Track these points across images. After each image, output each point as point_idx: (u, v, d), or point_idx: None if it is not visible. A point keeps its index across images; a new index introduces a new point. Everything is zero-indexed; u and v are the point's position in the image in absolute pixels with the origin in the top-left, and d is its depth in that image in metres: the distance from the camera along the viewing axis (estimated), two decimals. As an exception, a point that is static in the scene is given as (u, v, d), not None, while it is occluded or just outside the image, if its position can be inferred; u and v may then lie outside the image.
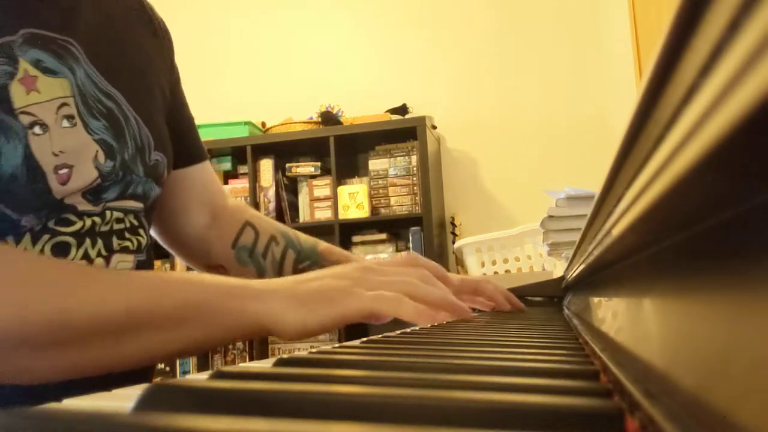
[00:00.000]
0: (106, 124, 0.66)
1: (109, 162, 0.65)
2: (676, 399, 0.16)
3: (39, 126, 0.60)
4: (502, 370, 0.25)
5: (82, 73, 0.65)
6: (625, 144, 0.21)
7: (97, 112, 0.65)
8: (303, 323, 0.53)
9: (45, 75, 0.61)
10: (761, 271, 0.13)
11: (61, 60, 0.63)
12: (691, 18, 0.13)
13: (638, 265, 0.30)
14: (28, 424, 0.15)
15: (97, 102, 0.66)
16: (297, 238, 0.92)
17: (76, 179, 0.61)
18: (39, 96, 0.60)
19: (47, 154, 0.59)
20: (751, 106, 0.10)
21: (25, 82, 0.60)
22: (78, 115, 0.63)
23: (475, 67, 2.99)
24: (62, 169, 0.61)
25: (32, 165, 0.58)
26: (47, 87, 0.61)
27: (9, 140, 0.57)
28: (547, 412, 0.17)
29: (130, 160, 0.68)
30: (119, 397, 0.20)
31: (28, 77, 0.60)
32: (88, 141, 0.64)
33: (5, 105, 0.57)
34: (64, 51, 0.64)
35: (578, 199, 1.13)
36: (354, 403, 0.18)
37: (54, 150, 0.60)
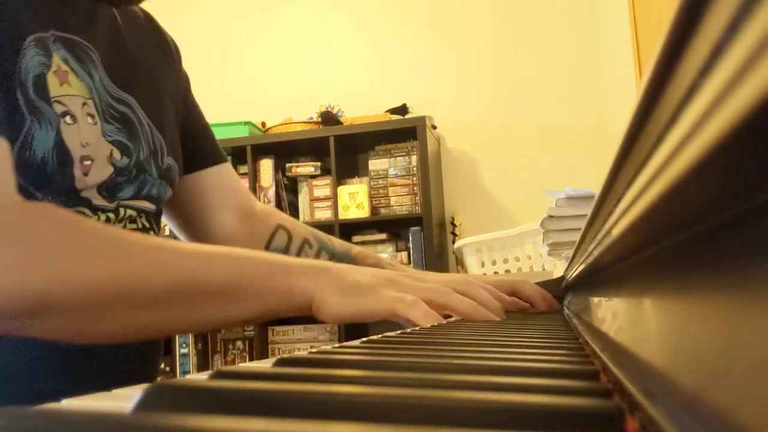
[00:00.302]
0: (120, 126, 0.69)
1: (124, 159, 0.68)
2: (676, 399, 0.16)
3: (70, 116, 0.63)
4: (502, 370, 0.25)
5: (98, 79, 0.68)
6: (625, 144, 0.21)
7: (109, 117, 0.68)
8: (339, 309, 0.59)
9: (72, 73, 0.65)
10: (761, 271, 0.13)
11: (82, 64, 0.66)
12: (691, 18, 0.13)
13: (638, 265, 0.30)
14: (28, 424, 0.15)
15: (109, 107, 0.69)
16: (330, 242, 0.93)
17: (94, 174, 0.64)
18: (70, 89, 0.64)
19: (76, 143, 0.63)
20: (751, 106, 0.10)
21: (59, 75, 0.63)
22: (97, 116, 0.67)
23: (475, 67, 2.99)
24: (86, 161, 0.64)
25: (62, 151, 0.61)
26: (75, 84, 0.65)
27: (42, 126, 0.60)
28: (547, 412, 0.17)
29: (144, 161, 0.71)
30: (119, 397, 0.20)
31: (60, 71, 0.64)
32: (103, 142, 0.67)
33: (42, 93, 0.61)
34: (85, 55, 0.67)
35: (578, 199, 1.13)
36: (354, 403, 0.18)
37: (81, 141, 0.63)
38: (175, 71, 0.85)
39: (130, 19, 0.79)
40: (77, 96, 0.64)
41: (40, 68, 0.61)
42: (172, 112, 0.80)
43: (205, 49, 3.12)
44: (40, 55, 0.62)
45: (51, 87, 0.62)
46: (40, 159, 0.60)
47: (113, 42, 0.73)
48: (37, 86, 0.60)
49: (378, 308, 0.58)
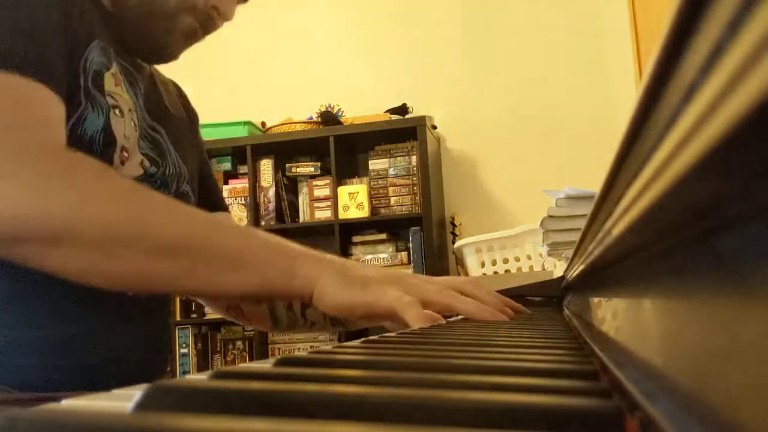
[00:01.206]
0: (152, 146, 0.76)
1: (153, 167, 0.75)
2: (676, 399, 0.16)
3: (119, 110, 0.70)
4: (502, 370, 0.25)
5: (140, 105, 0.76)
6: (625, 144, 0.21)
7: (145, 137, 0.76)
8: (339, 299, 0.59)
9: (124, 84, 0.73)
10: (761, 272, 0.13)
11: (131, 87, 0.75)
12: (691, 18, 0.13)
13: (638, 265, 0.30)
14: (28, 425, 0.15)
15: (145, 129, 0.76)
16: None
17: (128, 168, 0.71)
18: (122, 92, 0.72)
19: (120, 133, 0.69)
20: (751, 106, 0.10)
21: (115, 78, 0.72)
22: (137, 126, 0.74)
23: (475, 67, 2.99)
24: (124, 152, 0.70)
25: (109, 135, 0.68)
26: (125, 92, 0.73)
27: (94, 110, 0.67)
28: (547, 412, 0.17)
29: (169, 177, 0.78)
30: (119, 397, 0.20)
31: (116, 76, 0.72)
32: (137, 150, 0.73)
33: (98, 85, 0.68)
34: (133, 81, 0.76)
35: (578, 199, 1.13)
36: (354, 403, 0.18)
37: (125, 133, 0.71)
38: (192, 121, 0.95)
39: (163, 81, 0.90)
40: (126, 99, 0.72)
41: (101, 66, 0.69)
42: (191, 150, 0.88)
43: (206, 49, 3.11)
44: (103, 57, 0.70)
45: (107, 83, 0.69)
46: (89, 137, 0.66)
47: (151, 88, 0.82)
48: (95, 79, 0.68)
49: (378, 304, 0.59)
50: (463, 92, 2.98)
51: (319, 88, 3.07)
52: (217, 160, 2.94)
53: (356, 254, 2.82)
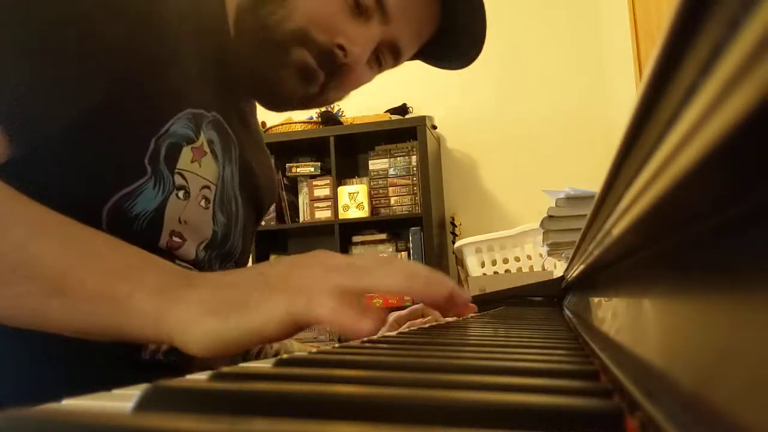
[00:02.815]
0: (226, 222, 0.70)
1: (203, 253, 0.68)
2: (676, 399, 0.16)
3: (184, 191, 0.63)
4: (502, 370, 0.25)
5: (229, 172, 0.70)
6: (625, 144, 0.21)
7: (225, 209, 0.70)
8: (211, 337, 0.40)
9: (210, 155, 0.67)
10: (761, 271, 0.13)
11: (225, 153, 0.69)
12: (691, 18, 0.13)
13: (638, 265, 0.30)
14: (28, 425, 0.15)
15: (229, 201, 0.71)
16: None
17: (181, 253, 0.65)
18: (198, 169, 0.65)
19: (174, 217, 0.62)
20: (751, 106, 0.10)
21: (196, 152, 0.64)
22: (212, 203, 0.68)
23: (475, 68, 2.98)
24: (176, 237, 0.63)
25: (157, 218, 0.61)
26: (207, 166, 0.66)
27: (155, 187, 0.60)
28: (547, 412, 0.17)
29: (214, 259, 0.71)
30: (119, 397, 0.20)
31: (200, 150, 0.65)
32: (209, 227, 0.68)
33: (170, 160, 0.61)
34: (227, 146, 0.70)
35: (578, 199, 1.13)
36: (354, 403, 0.18)
37: (182, 217, 0.63)
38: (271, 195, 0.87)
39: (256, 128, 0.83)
40: (201, 178, 0.65)
41: (181, 139, 0.62)
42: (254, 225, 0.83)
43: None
44: (189, 129, 0.63)
45: (182, 159, 0.62)
46: (134, 215, 0.59)
47: (252, 146, 0.77)
48: (170, 153, 0.61)
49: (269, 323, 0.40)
50: (463, 92, 2.98)
51: (319, 88, 3.06)
52: (217, 160, 2.94)
53: (356, 254, 2.82)
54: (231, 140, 0.71)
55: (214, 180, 0.67)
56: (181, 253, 0.65)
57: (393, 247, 2.81)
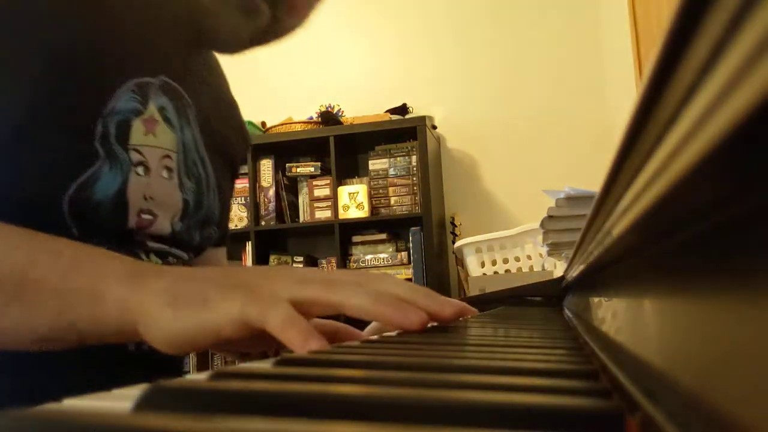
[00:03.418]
0: (195, 188, 0.68)
1: (179, 223, 0.66)
2: (676, 399, 0.16)
3: (143, 167, 0.61)
4: (502, 370, 0.25)
5: (189, 135, 0.67)
6: (625, 144, 0.21)
7: (192, 174, 0.68)
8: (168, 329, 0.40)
9: (164, 123, 0.64)
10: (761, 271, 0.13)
11: (179, 116, 0.66)
12: (691, 18, 0.13)
13: (638, 265, 0.30)
14: (28, 425, 0.15)
15: (194, 164, 0.68)
16: None
17: (154, 230, 0.63)
18: (153, 140, 0.62)
19: (138, 196, 0.60)
20: (752, 106, 0.10)
21: (147, 124, 0.62)
22: (176, 171, 0.65)
23: (475, 67, 2.99)
24: (146, 215, 0.62)
25: (121, 200, 0.59)
26: (162, 135, 0.63)
27: (112, 169, 0.58)
28: (547, 412, 0.17)
29: (193, 227, 0.69)
30: (119, 397, 0.20)
31: (151, 120, 0.62)
32: (178, 197, 0.66)
33: (122, 138, 0.59)
34: (183, 109, 0.67)
35: (578, 199, 1.13)
36: (354, 403, 0.18)
37: (146, 194, 0.61)
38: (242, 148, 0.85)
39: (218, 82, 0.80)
40: (158, 148, 0.63)
41: (129, 114, 0.60)
42: (230, 185, 0.81)
43: (205, 49, 3.12)
44: (135, 101, 0.61)
45: (133, 134, 0.60)
46: (96, 202, 0.57)
47: (207, 101, 0.73)
48: (119, 130, 0.59)
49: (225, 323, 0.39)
50: (463, 92, 2.98)
51: (319, 88, 3.07)
52: (217, 160, 2.94)
53: (356, 254, 2.82)
54: (185, 102, 0.68)
55: (174, 147, 0.65)
56: (155, 230, 0.63)
57: (393, 247, 2.81)
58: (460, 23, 3.01)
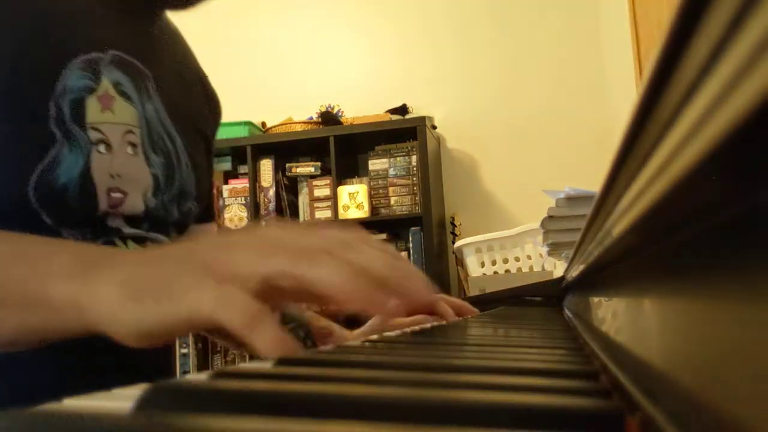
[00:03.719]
0: (163, 161, 0.67)
1: (152, 199, 0.65)
2: (676, 399, 0.16)
3: (104, 145, 0.60)
4: (502, 370, 0.25)
5: (151, 108, 0.66)
6: (625, 144, 0.21)
7: (158, 148, 0.66)
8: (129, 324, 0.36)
9: (121, 98, 0.62)
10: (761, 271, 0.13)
11: (138, 90, 0.64)
12: (691, 18, 0.13)
13: (638, 265, 0.30)
14: (28, 425, 0.15)
15: (160, 138, 0.67)
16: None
17: (126, 207, 0.62)
18: (112, 116, 0.61)
19: (104, 174, 0.59)
20: (751, 106, 0.10)
21: (102, 100, 0.60)
22: (141, 146, 0.64)
23: (475, 67, 2.99)
24: (115, 193, 0.60)
25: (87, 181, 0.58)
26: (120, 110, 0.62)
27: (72, 151, 0.57)
28: (547, 412, 0.17)
29: (169, 202, 0.68)
30: (119, 397, 0.20)
31: (106, 96, 0.61)
32: (146, 172, 0.64)
33: (77, 117, 0.58)
34: (141, 82, 0.65)
35: (578, 199, 1.13)
36: (354, 403, 0.18)
37: (112, 172, 0.60)
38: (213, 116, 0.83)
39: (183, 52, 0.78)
40: (119, 124, 0.61)
41: (81, 92, 0.58)
42: (205, 156, 0.78)
43: (205, 49, 3.11)
44: (86, 78, 0.59)
45: (89, 112, 0.59)
46: (62, 186, 0.56)
47: (168, 72, 0.71)
48: (74, 110, 0.57)
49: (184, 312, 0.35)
50: (463, 92, 2.98)
51: (319, 88, 3.07)
52: (217, 160, 2.94)
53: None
54: (142, 74, 0.66)
55: (136, 122, 0.63)
56: (127, 209, 0.62)
57: (393, 247, 2.82)
58: (460, 23, 3.01)
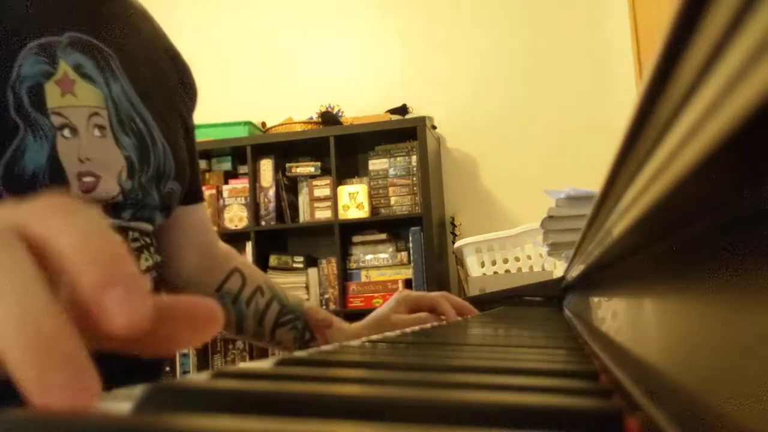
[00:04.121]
0: (135, 143, 0.65)
1: (129, 181, 0.64)
2: (676, 399, 0.16)
3: (69, 129, 0.58)
4: (502, 370, 0.25)
5: (118, 88, 0.64)
6: (625, 144, 0.21)
7: (129, 129, 0.65)
8: None
9: (83, 80, 0.61)
10: (761, 272, 0.13)
11: (101, 70, 0.63)
12: (691, 18, 0.13)
13: (638, 265, 0.30)
14: (28, 425, 0.15)
15: (130, 119, 0.65)
16: (284, 293, 0.89)
17: (101, 191, 0.61)
18: (74, 100, 0.60)
19: (73, 159, 0.58)
20: (751, 106, 0.10)
21: (62, 84, 0.59)
22: (109, 128, 0.62)
23: (475, 67, 2.99)
24: (87, 177, 0.59)
25: (56, 167, 0.57)
26: (83, 93, 0.61)
27: (36, 138, 0.56)
28: (547, 412, 0.17)
29: (147, 183, 0.66)
30: (119, 397, 0.20)
31: (66, 80, 0.59)
32: (117, 155, 0.63)
33: (38, 103, 0.56)
34: (104, 62, 0.63)
35: (578, 199, 1.13)
36: (354, 403, 0.18)
37: (81, 156, 0.59)
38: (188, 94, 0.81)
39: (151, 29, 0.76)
40: (83, 107, 0.60)
41: (38, 78, 0.57)
42: (182, 135, 0.76)
43: (205, 49, 3.12)
44: (42, 63, 0.58)
45: (49, 97, 0.58)
46: (31, 175, 0.55)
47: (134, 50, 0.69)
48: (33, 96, 0.56)
49: None
50: (463, 92, 2.99)
51: (319, 88, 3.07)
52: (217, 159, 2.94)
53: (356, 254, 2.82)
54: (105, 54, 0.64)
55: (101, 104, 0.62)
56: (101, 193, 0.60)
57: (393, 247, 2.81)
58: (460, 23, 3.01)
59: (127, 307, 0.19)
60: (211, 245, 0.88)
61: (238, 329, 0.86)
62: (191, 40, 3.19)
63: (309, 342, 0.87)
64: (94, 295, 0.19)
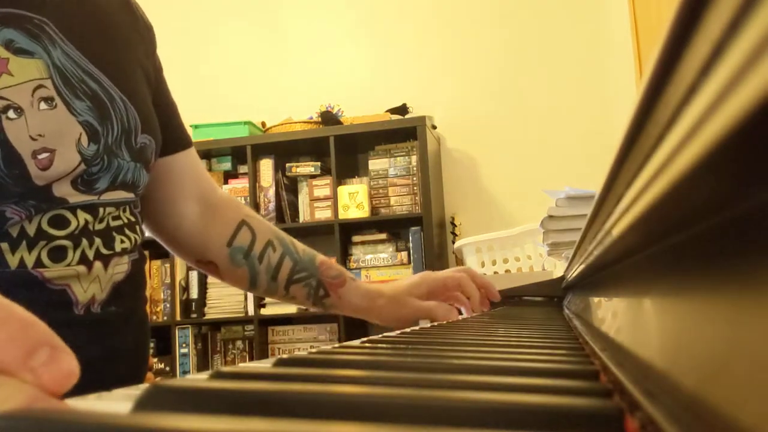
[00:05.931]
0: (91, 105, 0.63)
1: (92, 146, 0.62)
2: (676, 399, 0.16)
3: (13, 110, 0.57)
4: (502, 370, 0.25)
5: (59, 53, 0.62)
6: (625, 144, 0.21)
7: (81, 93, 0.62)
8: None
9: (18, 56, 0.59)
10: (761, 271, 0.13)
11: (36, 40, 0.60)
12: (691, 18, 0.13)
13: (638, 265, 0.30)
14: (28, 425, 0.15)
15: (81, 82, 0.63)
16: (294, 247, 0.87)
17: (59, 164, 0.59)
18: (12, 79, 0.58)
19: (24, 139, 0.57)
20: (751, 106, 0.10)
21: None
22: (58, 96, 0.61)
23: (475, 67, 2.99)
24: (42, 154, 0.58)
25: (8, 150, 0.56)
26: (21, 69, 0.59)
27: None
28: (547, 412, 0.17)
29: (114, 144, 0.64)
30: (119, 397, 0.20)
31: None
32: (72, 123, 0.61)
33: None
34: (39, 31, 0.61)
35: (578, 199, 1.13)
36: (354, 403, 0.18)
37: (32, 134, 0.58)
38: (144, 38, 0.77)
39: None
40: (23, 83, 0.58)
41: None
42: (145, 84, 0.73)
43: (205, 49, 3.12)
44: None
45: None
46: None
47: (74, 9, 0.65)
48: None
49: None
50: (463, 92, 2.98)
51: (319, 88, 3.07)
52: (217, 159, 2.94)
53: (356, 254, 2.82)
54: (36, 22, 0.61)
55: (44, 74, 0.60)
56: (59, 166, 0.59)
57: (393, 247, 2.81)
58: (460, 23, 3.01)
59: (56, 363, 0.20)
60: (210, 192, 0.85)
61: (251, 284, 0.84)
62: (192, 40, 3.19)
63: (323, 298, 0.87)
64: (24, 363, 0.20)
